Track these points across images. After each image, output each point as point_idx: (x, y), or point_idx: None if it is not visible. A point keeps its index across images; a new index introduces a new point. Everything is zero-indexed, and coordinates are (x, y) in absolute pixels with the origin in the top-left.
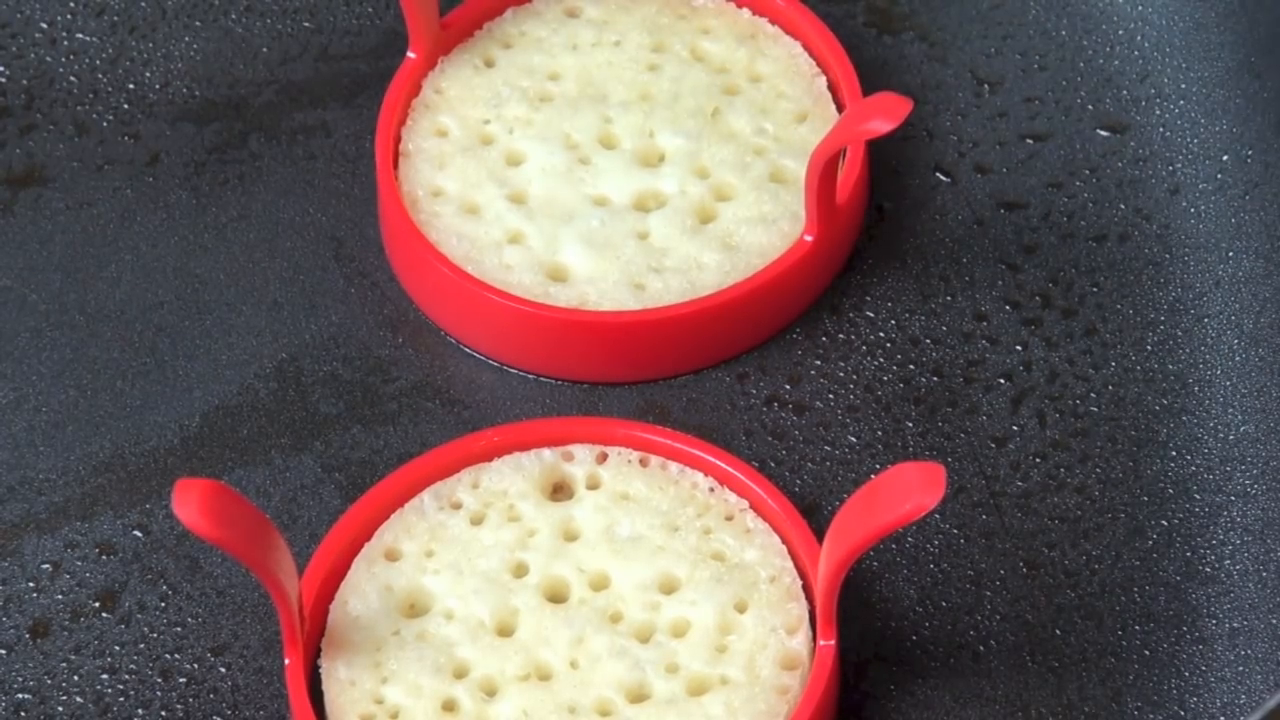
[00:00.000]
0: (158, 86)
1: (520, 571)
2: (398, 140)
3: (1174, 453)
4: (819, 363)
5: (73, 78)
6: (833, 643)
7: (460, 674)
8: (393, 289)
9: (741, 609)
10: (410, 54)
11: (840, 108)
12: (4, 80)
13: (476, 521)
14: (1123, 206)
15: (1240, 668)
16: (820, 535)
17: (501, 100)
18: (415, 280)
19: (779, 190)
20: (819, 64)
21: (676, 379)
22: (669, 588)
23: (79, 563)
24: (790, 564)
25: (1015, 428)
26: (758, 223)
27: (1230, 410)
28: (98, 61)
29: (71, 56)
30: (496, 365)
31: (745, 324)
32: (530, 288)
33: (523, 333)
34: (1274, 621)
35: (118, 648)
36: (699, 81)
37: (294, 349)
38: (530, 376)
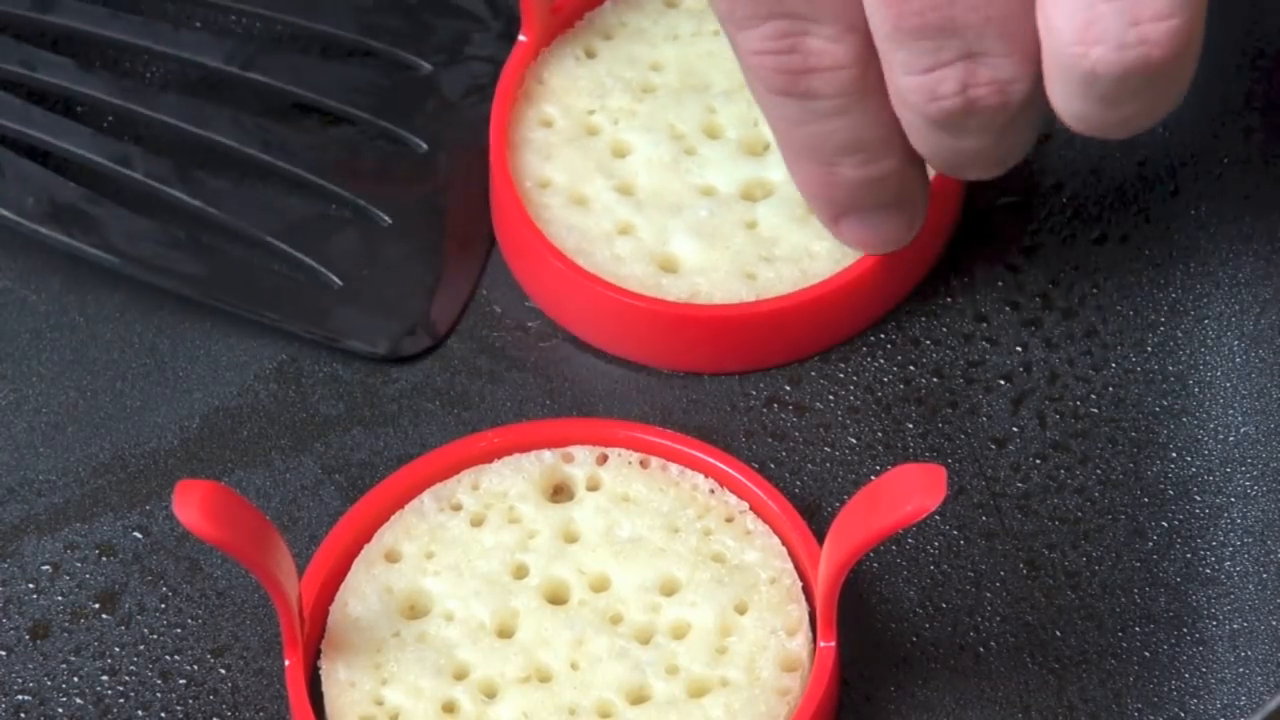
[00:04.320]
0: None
1: (520, 573)
2: (508, 127)
3: (1174, 454)
4: (819, 363)
5: None
6: (833, 644)
7: (460, 675)
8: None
9: (742, 611)
10: (522, 37)
11: None
12: None
13: (477, 523)
14: (1123, 207)
15: (1240, 669)
16: (820, 537)
17: (605, 91)
18: (530, 272)
19: None
20: None
21: (676, 380)
22: (669, 589)
23: (79, 564)
24: (790, 566)
25: (1015, 429)
26: None
27: (1231, 411)
28: None
29: None
30: (496, 366)
31: (859, 310)
32: (643, 279)
33: (634, 326)
34: (1274, 623)
35: (118, 649)
36: None
37: (294, 350)
38: (529, 377)
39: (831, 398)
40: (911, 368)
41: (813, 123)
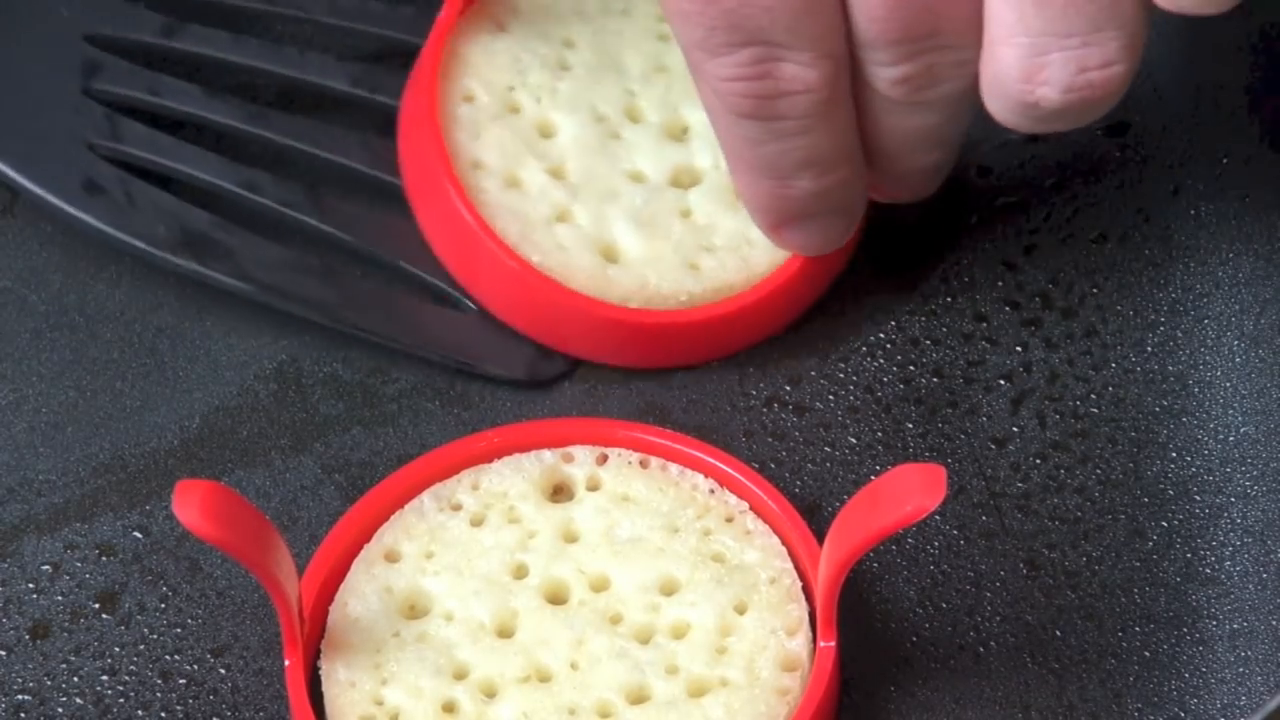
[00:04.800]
0: None
1: (520, 573)
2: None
3: (1174, 454)
4: (819, 364)
5: None
6: (833, 644)
7: (460, 675)
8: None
9: (741, 611)
10: (445, 12)
11: None
12: None
13: (476, 523)
14: (1123, 207)
15: (1240, 669)
16: (820, 537)
17: (523, 67)
18: (462, 257)
19: None
20: None
21: (676, 380)
22: (669, 589)
23: (79, 564)
24: (790, 565)
25: (1015, 429)
26: None
27: (1230, 411)
28: None
29: None
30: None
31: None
32: (591, 270)
33: (575, 321)
34: (1274, 623)
35: (118, 649)
36: None
37: (294, 349)
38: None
39: (831, 398)
40: (911, 368)
41: (774, 142)
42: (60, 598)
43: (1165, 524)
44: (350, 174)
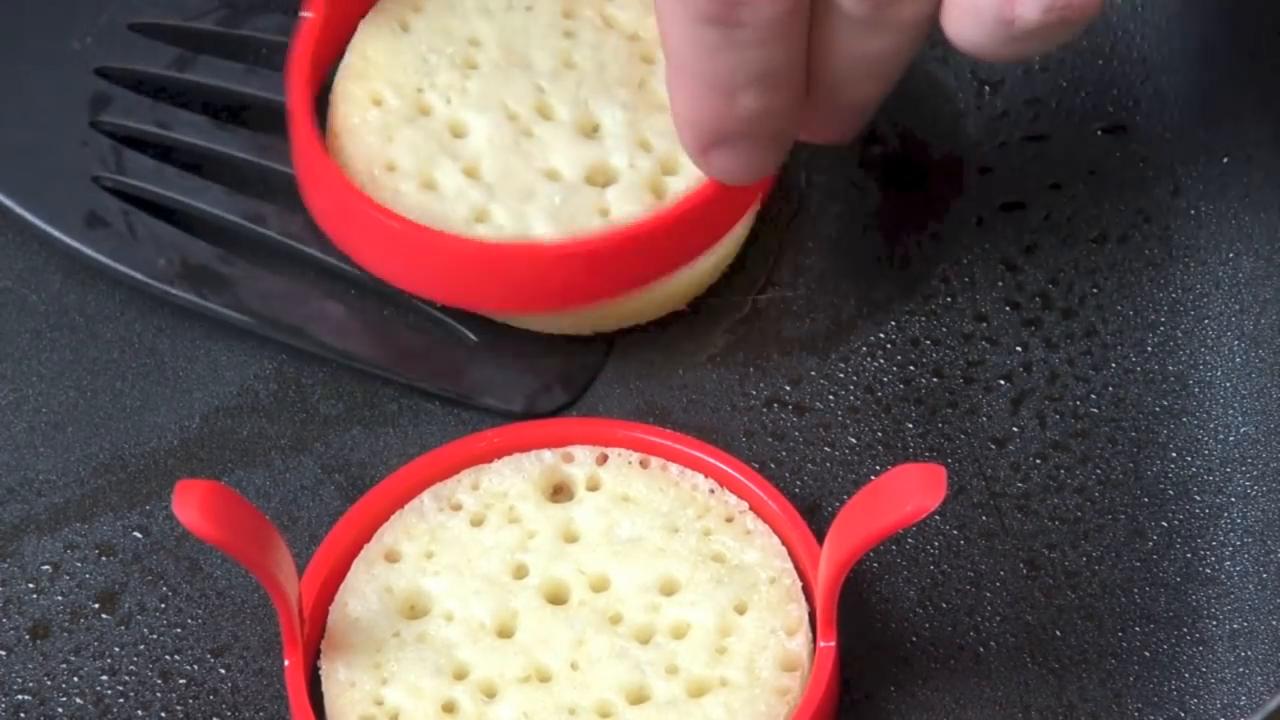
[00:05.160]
0: None
1: (520, 573)
2: (315, 103)
3: (1174, 454)
4: (819, 364)
5: None
6: (833, 644)
7: (460, 675)
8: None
9: (741, 610)
10: (306, 13)
11: None
12: None
13: (476, 523)
14: (1123, 207)
15: (1240, 669)
16: (820, 536)
17: (430, 68)
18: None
19: None
20: None
21: (676, 379)
22: (669, 589)
23: (79, 564)
24: (790, 565)
25: (1015, 429)
26: None
27: (1231, 411)
28: None
29: None
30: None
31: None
32: None
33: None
34: (1274, 623)
35: (117, 649)
36: (619, 49)
37: (294, 350)
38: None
39: (831, 398)
40: (911, 368)
41: (730, 51)
42: (60, 598)
43: (1165, 524)
44: None
